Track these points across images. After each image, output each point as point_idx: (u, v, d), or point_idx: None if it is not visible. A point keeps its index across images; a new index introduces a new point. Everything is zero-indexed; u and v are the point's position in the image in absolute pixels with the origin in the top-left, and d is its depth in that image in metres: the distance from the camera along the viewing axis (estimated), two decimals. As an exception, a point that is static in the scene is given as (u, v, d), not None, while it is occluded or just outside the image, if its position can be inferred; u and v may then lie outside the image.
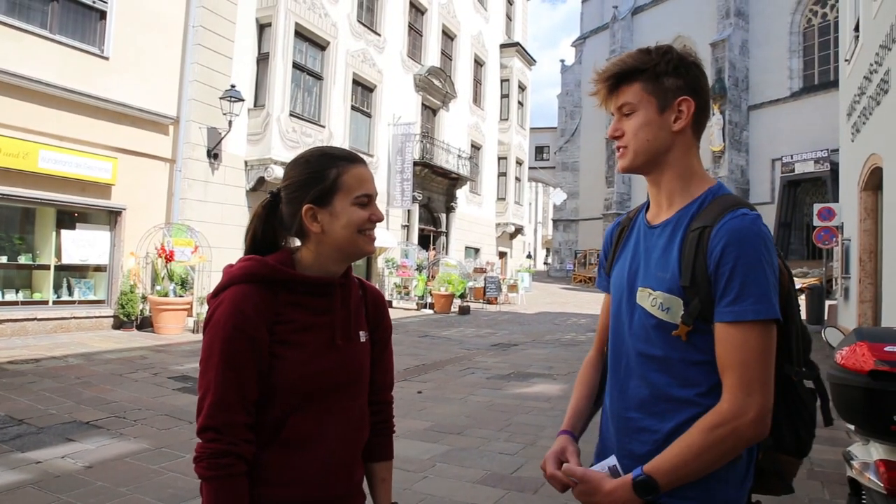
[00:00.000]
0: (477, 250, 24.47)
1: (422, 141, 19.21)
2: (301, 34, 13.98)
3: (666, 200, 1.27)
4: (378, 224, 1.32)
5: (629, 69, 1.24)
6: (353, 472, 1.35)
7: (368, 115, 17.31)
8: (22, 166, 8.90)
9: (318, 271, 1.29)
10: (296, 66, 13.82)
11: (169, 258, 10.46)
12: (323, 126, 14.64)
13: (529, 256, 47.23)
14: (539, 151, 47.94)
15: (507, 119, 26.75)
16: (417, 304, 17.94)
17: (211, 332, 1.19)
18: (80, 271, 10.41)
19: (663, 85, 1.22)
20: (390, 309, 17.01)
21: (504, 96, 26.76)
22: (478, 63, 24.40)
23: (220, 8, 12.09)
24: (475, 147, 24.14)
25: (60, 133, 9.46)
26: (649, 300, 1.21)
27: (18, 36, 8.88)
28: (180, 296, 10.48)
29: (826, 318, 13.30)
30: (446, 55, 21.89)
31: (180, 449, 4.41)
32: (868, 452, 2.23)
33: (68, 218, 10.18)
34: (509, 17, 28.14)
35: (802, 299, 14.55)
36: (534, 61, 28.42)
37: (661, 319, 1.18)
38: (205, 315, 1.25)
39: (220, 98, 11.69)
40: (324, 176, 1.26)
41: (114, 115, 10.20)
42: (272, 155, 12.71)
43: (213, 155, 12.02)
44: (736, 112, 30.12)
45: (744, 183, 30.24)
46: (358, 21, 16.43)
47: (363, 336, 1.36)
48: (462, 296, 18.53)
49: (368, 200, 1.28)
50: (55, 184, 9.45)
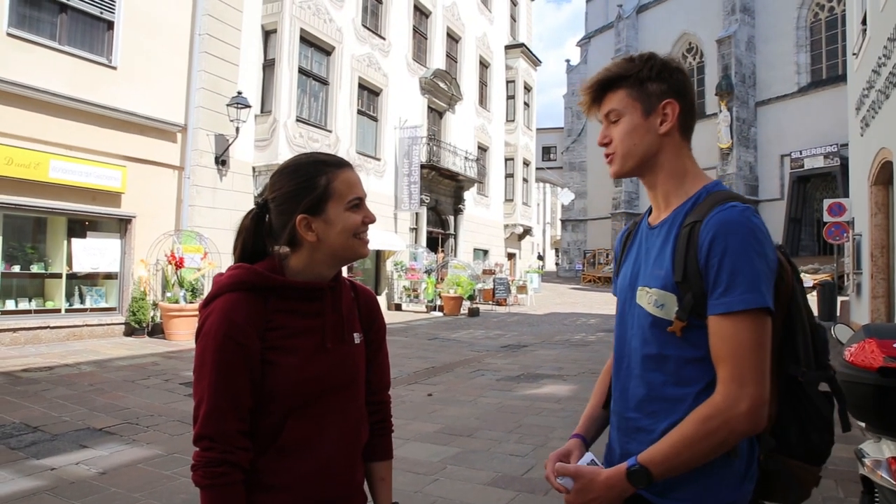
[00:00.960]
0: (485, 252, 24.45)
1: (428, 143, 19.22)
2: (306, 40, 14.04)
3: (663, 201, 1.29)
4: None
5: (613, 77, 1.27)
6: (354, 474, 1.35)
7: (375, 119, 17.35)
8: (33, 176, 8.99)
9: (309, 276, 1.29)
10: (301, 72, 13.89)
11: (179, 265, 10.53)
12: (329, 131, 14.69)
13: (541, 258, 47.18)
14: (546, 152, 47.85)
15: (514, 120, 26.72)
16: (427, 307, 17.95)
17: (202, 342, 1.20)
18: (92, 279, 10.50)
19: (647, 90, 1.24)
20: (399, 312, 17.16)
21: (510, 97, 26.73)
22: (483, 65, 24.40)
23: (226, 15, 12.18)
24: (482, 149, 24.13)
25: (70, 143, 9.56)
26: (647, 298, 1.22)
27: (28, 48, 8.99)
28: (191, 302, 10.54)
29: (838, 315, 13.19)
30: (451, 57, 21.91)
31: (192, 454, 4.43)
32: (880, 450, 2.21)
33: (79, 227, 10.28)
34: (514, 18, 28.12)
35: (814, 296, 14.47)
36: (539, 62, 28.38)
37: (657, 316, 1.20)
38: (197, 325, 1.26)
39: (227, 105, 11.76)
40: (314, 184, 1.25)
41: (122, 124, 10.29)
42: (280, 160, 12.76)
43: (221, 161, 12.09)
44: (743, 108, 29.98)
45: (752, 179, 30.08)
46: (363, 25, 16.49)
47: (357, 338, 1.37)
48: (471, 298, 18.53)
49: (360, 203, 1.29)
50: (66, 193, 9.54)
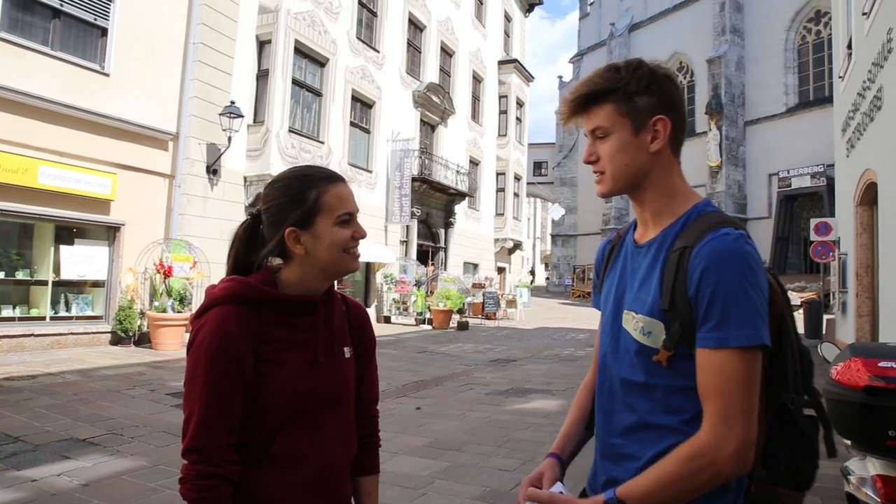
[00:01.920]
0: (475, 266, 24.49)
1: (420, 157, 19.29)
2: (301, 51, 14.09)
3: (651, 219, 1.22)
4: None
5: (599, 90, 1.18)
6: (342, 488, 1.35)
7: (367, 131, 17.39)
8: (22, 182, 8.93)
9: (301, 290, 1.29)
10: (295, 83, 13.92)
11: (167, 274, 10.46)
12: (322, 142, 14.71)
13: (532, 273, 47.23)
14: (537, 167, 48.13)
15: (506, 135, 26.89)
16: (416, 320, 17.91)
17: (195, 354, 1.19)
18: (78, 287, 10.40)
19: (636, 105, 1.16)
20: (388, 325, 17.10)
21: (502, 112, 26.91)
22: (476, 79, 24.57)
23: (221, 25, 12.21)
24: (473, 163, 24.24)
25: (60, 149, 9.50)
26: (632, 324, 1.16)
27: (20, 53, 8.96)
28: (178, 311, 10.46)
29: (824, 333, 13.30)
30: (445, 72, 22.05)
31: (178, 466, 4.33)
32: (865, 467, 2.23)
33: (67, 233, 10.19)
34: (507, 34, 28.38)
35: (800, 314, 14.58)
36: (532, 77, 28.62)
37: (643, 344, 1.13)
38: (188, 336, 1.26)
39: (220, 114, 11.75)
40: (304, 198, 1.25)
41: (114, 131, 10.25)
42: (271, 171, 12.76)
43: (213, 171, 12.06)
44: (732, 128, 30.34)
45: (741, 198, 30.38)
46: (357, 38, 16.57)
47: (348, 352, 1.37)
48: (461, 311, 18.51)
49: (350, 218, 1.28)
50: (54, 199, 9.47)
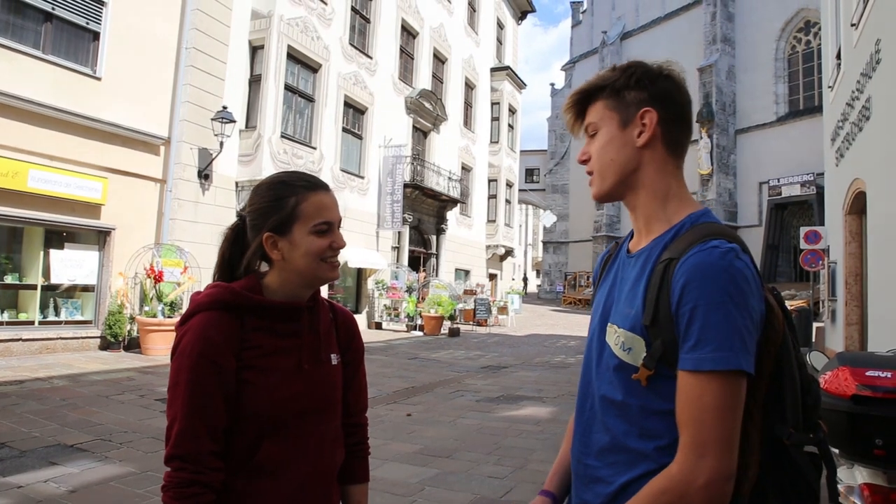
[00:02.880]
0: (467, 272, 24.49)
1: (412, 163, 19.31)
2: (293, 56, 14.09)
3: (644, 227, 1.16)
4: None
5: (591, 89, 1.17)
6: (328, 496, 1.34)
7: (360, 137, 17.40)
8: (11, 185, 8.86)
9: (285, 296, 1.29)
10: (288, 88, 13.92)
11: (158, 279, 10.40)
12: (314, 147, 14.70)
13: (525, 279, 47.30)
14: (529, 174, 48.28)
15: (498, 142, 26.98)
16: (407, 326, 17.88)
17: (178, 361, 1.19)
18: (68, 291, 10.32)
19: (625, 99, 1.12)
20: (380, 331, 17.07)
21: (495, 119, 27.01)
22: (469, 86, 24.64)
23: (213, 30, 12.19)
24: (466, 169, 24.28)
25: (51, 153, 9.45)
26: (614, 338, 1.09)
27: (11, 56, 8.91)
28: (169, 317, 10.39)
29: (814, 341, 13.38)
30: (437, 78, 22.11)
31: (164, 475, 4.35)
32: (853, 476, 2.24)
33: (57, 237, 10.12)
34: (500, 42, 28.51)
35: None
36: (524, 85, 28.75)
37: (623, 360, 1.07)
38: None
39: (212, 119, 11.73)
40: (283, 204, 1.26)
41: (105, 136, 10.21)
42: (263, 176, 12.56)
43: (204, 176, 12.02)
44: (723, 136, 30.55)
45: (732, 206, 30.57)
46: (350, 44, 16.59)
47: (335, 359, 1.36)
48: (452, 318, 18.50)
49: (328, 228, 1.28)
50: (44, 203, 9.41)
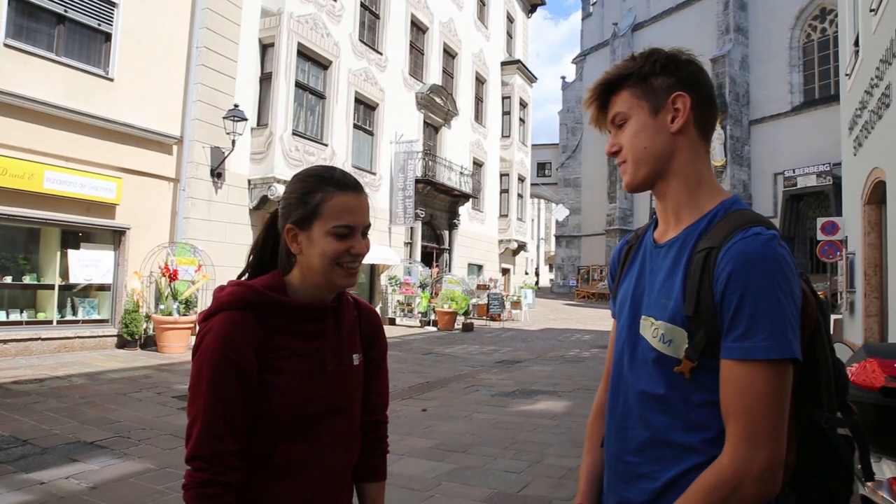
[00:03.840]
0: (480, 267, 24.45)
1: (424, 158, 19.29)
2: (303, 54, 14.10)
3: (673, 216, 1.13)
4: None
5: (615, 78, 1.15)
6: (342, 494, 1.33)
7: (371, 134, 17.40)
8: (27, 187, 8.95)
9: (307, 295, 1.27)
10: (298, 86, 13.93)
11: (172, 277, 10.47)
12: (326, 144, 14.71)
13: (537, 273, 47.21)
14: (541, 168, 48.09)
15: (509, 136, 26.87)
16: (421, 322, 17.90)
17: (199, 359, 1.18)
18: (84, 291, 10.42)
19: (652, 86, 1.10)
20: (393, 326, 17.10)
21: (505, 113, 26.90)
22: (479, 80, 24.56)
23: (224, 29, 12.23)
24: (477, 164, 24.22)
25: (66, 154, 9.53)
26: (651, 330, 1.07)
27: (25, 59, 8.99)
28: (184, 314, 10.47)
29: (832, 333, 13.22)
30: (448, 73, 22.05)
31: (184, 469, 4.38)
32: (881, 470, 2.20)
33: (73, 238, 10.22)
34: (510, 35, 28.37)
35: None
36: (535, 78, 28.60)
37: (663, 353, 1.04)
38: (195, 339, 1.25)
39: (224, 118, 11.78)
40: (308, 199, 1.23)
41: (118, 136, 10.28)
42: (275, 174, 12.77)
43: (217, 174, 12.08)
44: (737, 127, 30.26)
45: (746, 197, 30.29)
46: (360, 40, 16.58)
47: (356, 359, 1.34)
48: (465, 313, 18.50)
49: (349, 232, 1.23)
50: (60, 204, 9.50)
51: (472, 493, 4.15)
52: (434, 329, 17.26)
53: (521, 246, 28.03)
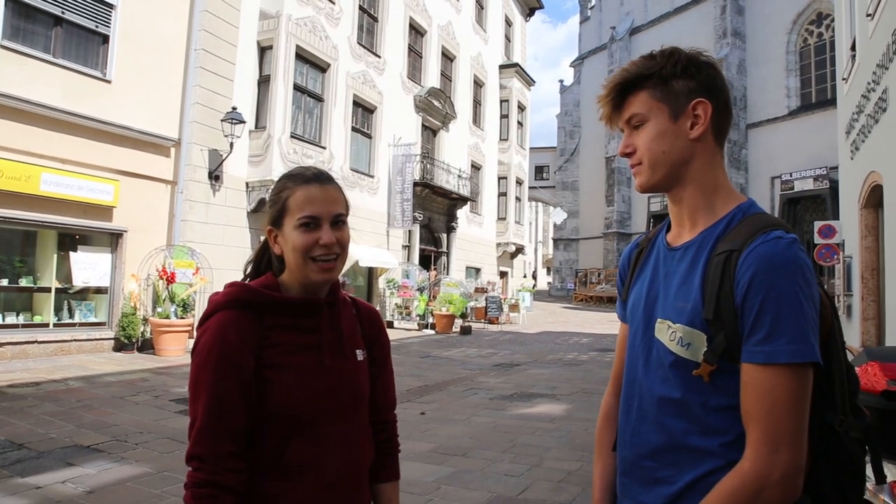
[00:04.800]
0: (478, 270, 24.45)
1: (422, 161, 19.29)
2: (302, 56, 14.10)
3: (688, 219, 1.13)
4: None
5: (633, 77, 1.12)
6: (359, 495, 1.32)
7: (369, 136, 17.40)
8: (24, 189, 8.92)
9: (300, 292, 1.28)
10: (296, 88, 13.93)
11: (170, 280, 10.44)
12: (324, 147, 14.71)
13: (535, 276, 47.19)
14: (539, 171, 48.17)
15: (507, 139, 26.90)
16: (419, 325, 17.88)
17: (197, 360, 1.19)
18: (81, 293, 10.38)
19: (673, 89, 1.09)
20: (391, 329, 17.07)
21: (504, 116, 26.93)
22: (477, 84, 24.59)
23: (222, 31, 12.22)
24: (475, 167, 24.24)
25: (63, 156, 9.50)
26: (668, 334, 1.06)
27: (22, 60, 8.96)
28: (181, 317, 10.44)
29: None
30: (446, 76, 22.08)
31: (182, 473, 4.33)
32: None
33: (69, 240, 10.18)
34: (508, 39, 28.42)
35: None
36: (533, 82, 28.64)
37: (680, 356, 1.04)
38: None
39: (222, 120, 11.76)
40: (277, 198, 1.26)
41: (116, 138, 10.25)
42: (273, 176, 12.74)
43: (215, 177, 12.06)
44: (734, 131, 30.31)
45: (743, 201, 30.40)
46: (358, 43, 16.59)
47: (360, 354, 1.34)
48: (463, 316, 18.48)
49: (314, 222, 1.22)
50: (57, 206, 9.46)
51: (472, 497, 4.13)
52: (432, 332, 17.23)
53: (519, 249, 28.05)
